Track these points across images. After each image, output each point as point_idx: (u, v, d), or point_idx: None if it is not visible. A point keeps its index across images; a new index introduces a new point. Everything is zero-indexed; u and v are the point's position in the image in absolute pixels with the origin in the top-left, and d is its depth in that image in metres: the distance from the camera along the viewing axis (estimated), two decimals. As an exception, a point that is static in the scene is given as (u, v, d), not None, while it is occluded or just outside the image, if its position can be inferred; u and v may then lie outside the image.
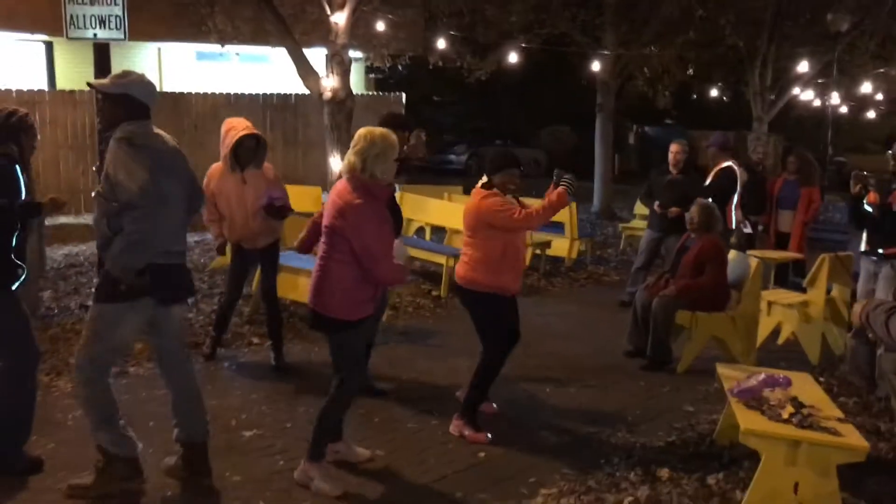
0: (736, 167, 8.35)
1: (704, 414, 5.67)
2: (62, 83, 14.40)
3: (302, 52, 10.47)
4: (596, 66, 14.03)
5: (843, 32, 16.03)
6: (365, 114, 13.60)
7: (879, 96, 18.47)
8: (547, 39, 16.09)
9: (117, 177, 3.74)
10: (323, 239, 4.17)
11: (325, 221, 4.15)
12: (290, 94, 15.86)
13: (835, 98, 18.80)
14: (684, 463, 4.67)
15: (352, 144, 4.09)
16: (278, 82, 16.56)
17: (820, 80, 18.12)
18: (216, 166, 6.08)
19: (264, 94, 15.42)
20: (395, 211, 5.01)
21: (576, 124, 19.94)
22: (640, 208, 11.39)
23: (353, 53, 15.23)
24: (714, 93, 20.00)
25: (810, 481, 3.70)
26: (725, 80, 20.37)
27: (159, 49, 15.55)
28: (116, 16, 6.36)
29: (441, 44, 14.70)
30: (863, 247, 5.94)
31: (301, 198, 8.83)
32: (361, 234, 3.97)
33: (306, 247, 4.77)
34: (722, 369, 4.91)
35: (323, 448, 4.30)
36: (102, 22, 6.40)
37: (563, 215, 9.78)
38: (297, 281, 7.30)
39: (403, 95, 17.92)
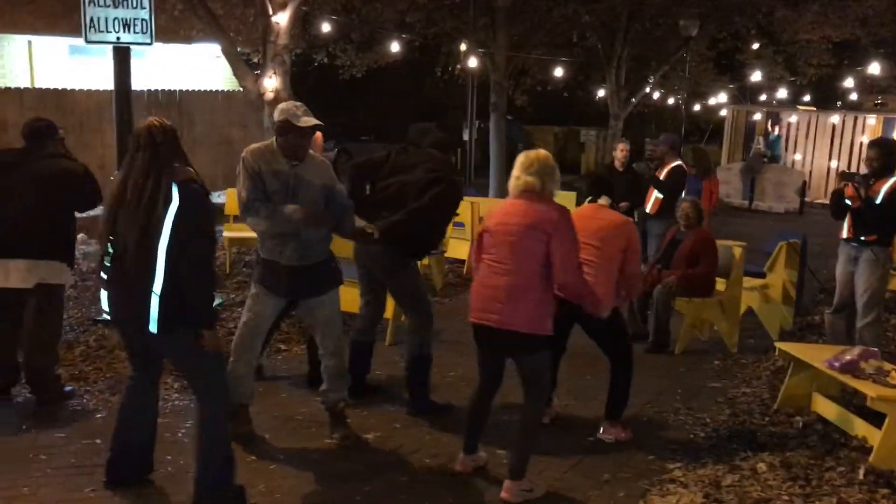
0: (685, 165, 9.21)
1: (732, 389, 6.34)
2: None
3: (237, 51, 10.20)
4: (473, 62, 14.53)
5: (693, 36, 17.79)
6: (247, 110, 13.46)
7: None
8: (427, 36, 16.47)
9: None
10: (506, 254, 4.27)
11: (512, 237, 4.26)
12: (175, 91, 15.21)
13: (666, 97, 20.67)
14: (765, 431, 5.29)
15: (524, 166, 4.32)
16: (156, 78, 15.80)
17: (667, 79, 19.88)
18: None
19: (148, 91, 14.65)
20: None
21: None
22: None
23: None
24: (568, 91, 21.20)
25: (923, 434, 4.44)
26: (575, 79, 21.73)
27: (30, 42, 14.38)
28: (142, 19, 6.05)
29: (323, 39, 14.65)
30: (844, 234, 6.83)
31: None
32: (566, 243, 4.22)
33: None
34: (783, 347, 5.62)
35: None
36: (127, 25, 6.07)
37: (464, 214, 9.37)
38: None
39: (284, 92, 17.62)
